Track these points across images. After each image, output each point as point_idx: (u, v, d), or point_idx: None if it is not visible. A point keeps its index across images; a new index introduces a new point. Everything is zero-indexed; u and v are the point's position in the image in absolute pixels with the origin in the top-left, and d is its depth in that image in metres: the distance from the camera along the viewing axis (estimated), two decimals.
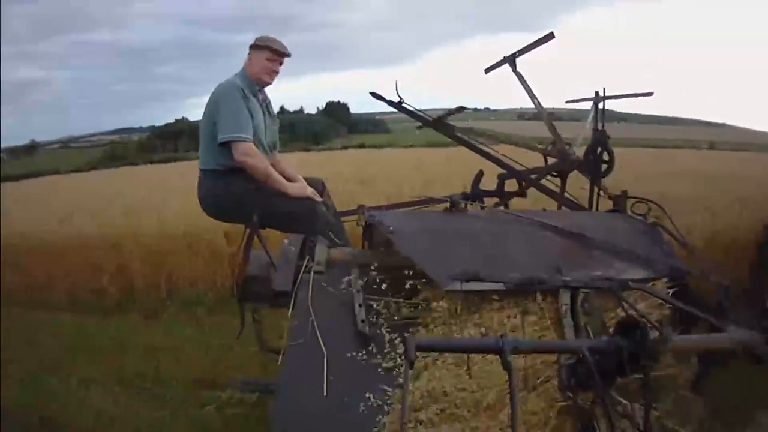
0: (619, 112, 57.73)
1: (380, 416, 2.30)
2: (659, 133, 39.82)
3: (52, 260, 7.08)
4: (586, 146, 5.15)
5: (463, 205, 3.38)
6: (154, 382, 4.59)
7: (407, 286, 2.79)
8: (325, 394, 2.34)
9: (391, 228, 2.99)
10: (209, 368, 4.73)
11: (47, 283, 7.00)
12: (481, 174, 4.89)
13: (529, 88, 5.25)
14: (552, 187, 4.98)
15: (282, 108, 56.39)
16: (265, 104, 3.97)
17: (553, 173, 5.05)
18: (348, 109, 57.81)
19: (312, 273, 2.93)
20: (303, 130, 45.68)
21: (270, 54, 3.82)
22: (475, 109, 63.02)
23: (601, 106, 5.34)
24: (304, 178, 4.02)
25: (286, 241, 3.39)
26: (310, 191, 3.80)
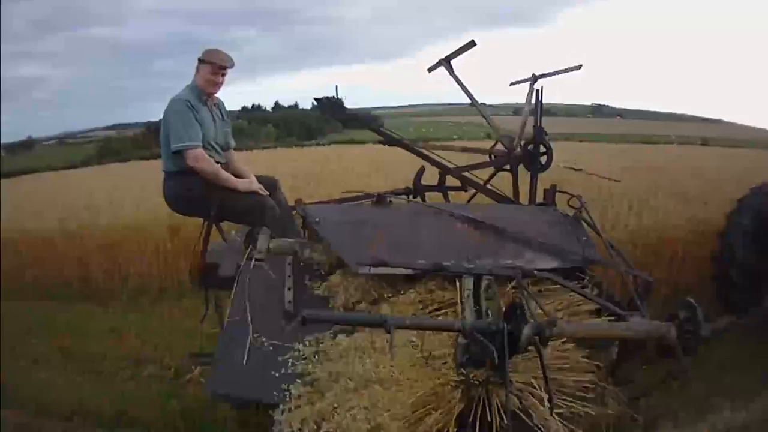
0: (617, 108, 57.78)
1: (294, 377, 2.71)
2: (654, 129, 40.09)
3: (22, 253, 7.64)
4: (524, 141, 5.34)
5: (387, 200, 3.73)
6: (99, 360, 5.12)
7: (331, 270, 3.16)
8: (245, 362, 2.73)
9: (317, 219, 3.37)
10: (144, 348, 5.32)
11: (16, 275, 7.49)
12: (422, 170, 5.19)
13: (464, 85, 5.56)
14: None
15: (276, 103, 56.67)
16: (217, 108, 4.34)
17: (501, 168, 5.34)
18: (343, 104, 58.07)
19: (253, 260, 3.29)
20: (297, 125, 45.86)
21: (212, 68, 4.16)
22: (471, 104, 63.31)
23: (546, 101, 5.49)
24: (258, 176, 4.37)
25: (233, 232, 3.77)
26: (257, 187, 4.15)
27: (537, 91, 5.36)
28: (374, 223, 3.49)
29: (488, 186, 5.19)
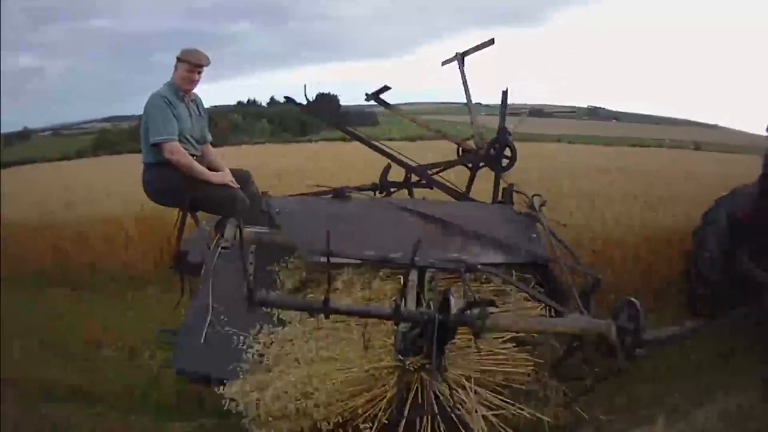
0: (613, 111, 57.81)
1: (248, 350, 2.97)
2: (649, 133, 40.27)
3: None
4: (489, 141, 5.52)
5: (346, 194, 3.98)
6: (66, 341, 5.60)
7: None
8: (203, 340, 2.98)
9: (278, 210, 3.62)
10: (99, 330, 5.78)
11: None
12: (388, 167, 5.41)
13: (467, 83, 5.82)
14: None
15: (272, 98, 56.79)
16: (194, 104, 4.57)
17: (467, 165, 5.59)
18: (338, 101, 58.15)
19: (220, 248, 3.54)
20: (292, 121, 46.07)
21: (188, 66, 4.41)
22: (466, 104, 63.55)
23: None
24: (232, 169, 4.59)
25: (204, 222, 4.02)
26: (229, 179, 4.38)
27: (505, 91, 5.56)
28: (331, 215, 3.75)
29: (449, 184, 5.38)
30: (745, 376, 4.72)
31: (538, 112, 61.27)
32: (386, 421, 2.66)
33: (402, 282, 3.03)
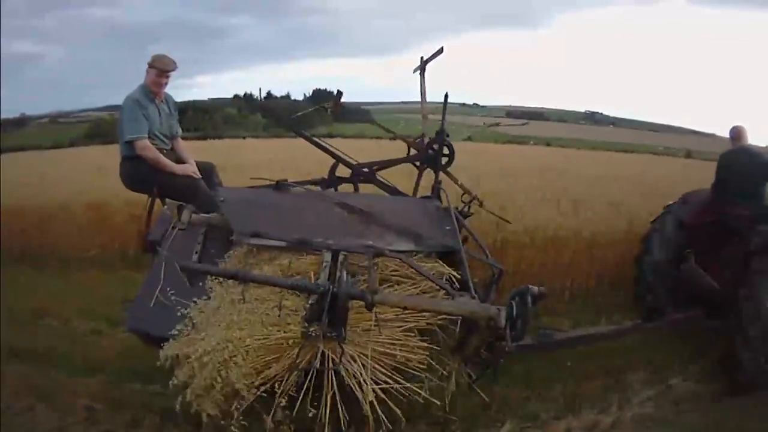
0: (611, 117, 58.24)
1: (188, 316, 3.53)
2: (643, 139, 40.86)
3: None
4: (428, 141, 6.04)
5: (286, 186, 4.63)
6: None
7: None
8: (152, 305, 3.64)
9: (222, 198, 4.29)
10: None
11: None
12: (336, 164, 5.93)
13: (424, 90, 6.31)
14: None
15: (269, 93, 57.24)
16: (165, 104, 5.32)
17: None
18: (341, 95, 58.18)
19: (175, 230, 4.20)
20: (286, 116, 46.66)
21: (157, 71, 5.17)
22: (463, 104, 63.77)
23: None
24: (198, 162, 5.37)
25: (165, 207, 4.71)
26: (191, 171, 5.15)
27: (446, 96, 6.17)
28: (269, 204, 4.35)
29: (383, 180, 5.94)
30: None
31: (536, 115, 62.06)
32: (293, 393, 3.05)
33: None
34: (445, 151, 5.94)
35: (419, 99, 6.20)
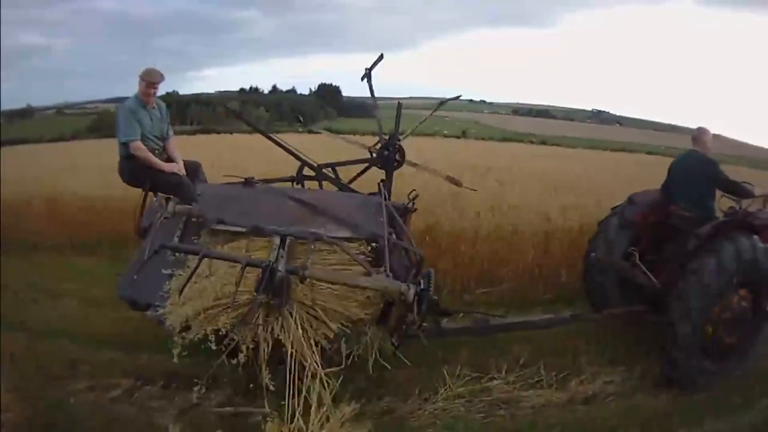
0: (617, 116, 58.87)
1: (167, 286, 4.58)
2: (648, 138, 41.44)
3: None
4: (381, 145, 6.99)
5: (253, 183, 5.66)
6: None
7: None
8: (135, 276, 4.61)
9: (199, 192, 5.33)
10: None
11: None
12: (302, 166, 6.84)
13: (374, 94, 7.32)
14: None
15: (274, 87, 58.17)
16: (157, 109, 6.28)
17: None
18: (339, 92, 58.47)
19: (162, 218, 5.23)
20: (290, 110, 47.45)
21: (146, 83, 6.11)
22: (471, 101, 64.46)
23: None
24: (185, 161, 6.35)
25: (155, 199, 5.75)
26: (177, 169, 6.11)
27: (399, 104, 7.19)
28: (236, 197, 5.39)
29: (332, 177, 6.93)
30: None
31: (543, 112, 62.82)
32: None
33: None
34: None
35: (423, 95, 7.21)
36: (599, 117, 58.75)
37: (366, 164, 7.16)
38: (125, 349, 5.96)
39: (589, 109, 61.46)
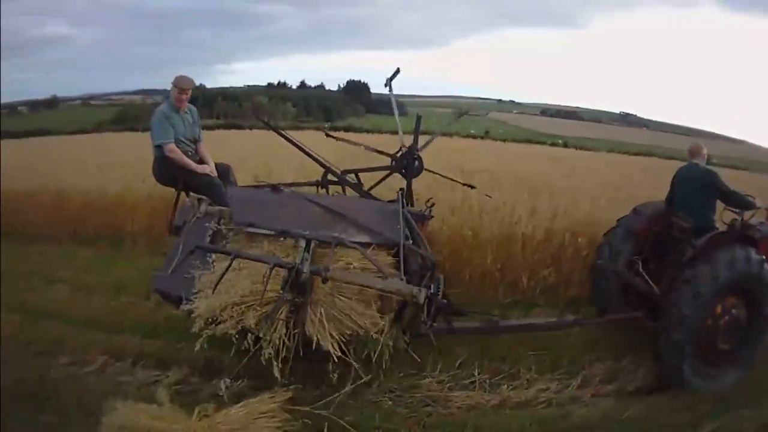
0: (644, 119, 58.77)
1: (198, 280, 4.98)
2: (672, 142, 41.37)
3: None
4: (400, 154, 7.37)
5: (280, 188, 6.08)
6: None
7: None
8: (170, 272, 5.01)
9: (230, 195, 5.75)
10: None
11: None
12: (327, 172, 7.26)
13: (394, 103, 7.80)
14: None
15: (302, 82, 58.51)
16: (189, 114, 6.67)
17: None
18: (368, 88, 58.45)
19: (194, 217, 5.66)
20: (316, 107, 47.90)
21: (178, 90, 6.49)
22: (500, 101, 64.65)
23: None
24: (216, 163, 6.76)
25: (187, 199, 6.17)
26: (209, 170, 6.51)
27: (419, 117, 7.55)
28: (264, 202, 5.79)
29: (353, 183, 7.29)
30: None
31: (570, 114, 62.83)
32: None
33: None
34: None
35: (454, 93, 7.51)
36: (626, 120, 58.68)
37: (387, 171, 7.55)
38: (107, 330, 6.72)
39: (617, 111, 61.40)
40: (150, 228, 10.37)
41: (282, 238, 5.20)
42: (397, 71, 7.63)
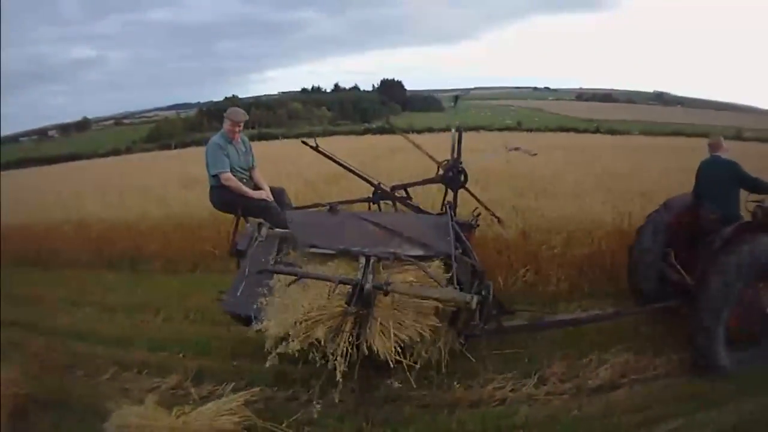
0: (678, 96, 58.20)
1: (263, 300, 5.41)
2: (707, 119, 40.91)
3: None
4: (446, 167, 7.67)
5: (336, 209, 6.43)
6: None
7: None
8: (238, 294, 5.54)
9: (290, 219, 6.20)
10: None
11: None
12: (377, 189, 7.58)
13: (461, 139, 7.78)
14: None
15: (336, 85, 58.60)
16: (242, 144, 7.03)
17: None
18: (402, 86, 57.97)
19: (256, 241, 6.15)
20: (352, 108, 47.91)
21: (230, 122, 6.89)
22: (535, 88, 64.51)
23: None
24: (271, 187, 7.13)
25: (248, 225, 6.65)
26: (265, 195, 6.87)
27: (460, 131, 7.78)
28: (323, 223, 6.19)
29: (401, 198, 7.61)
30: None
31: (606, 96, 62.51)
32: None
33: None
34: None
35: (491, 85, 7.72)
36: (661, 99, 58.20)
37: (432, 183, 7.94)
38: (119, 345, 7.55)
39: (651, 91, 60.87)
40: (164, 250, 11.42)
41: (344, 258, 5.59)
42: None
